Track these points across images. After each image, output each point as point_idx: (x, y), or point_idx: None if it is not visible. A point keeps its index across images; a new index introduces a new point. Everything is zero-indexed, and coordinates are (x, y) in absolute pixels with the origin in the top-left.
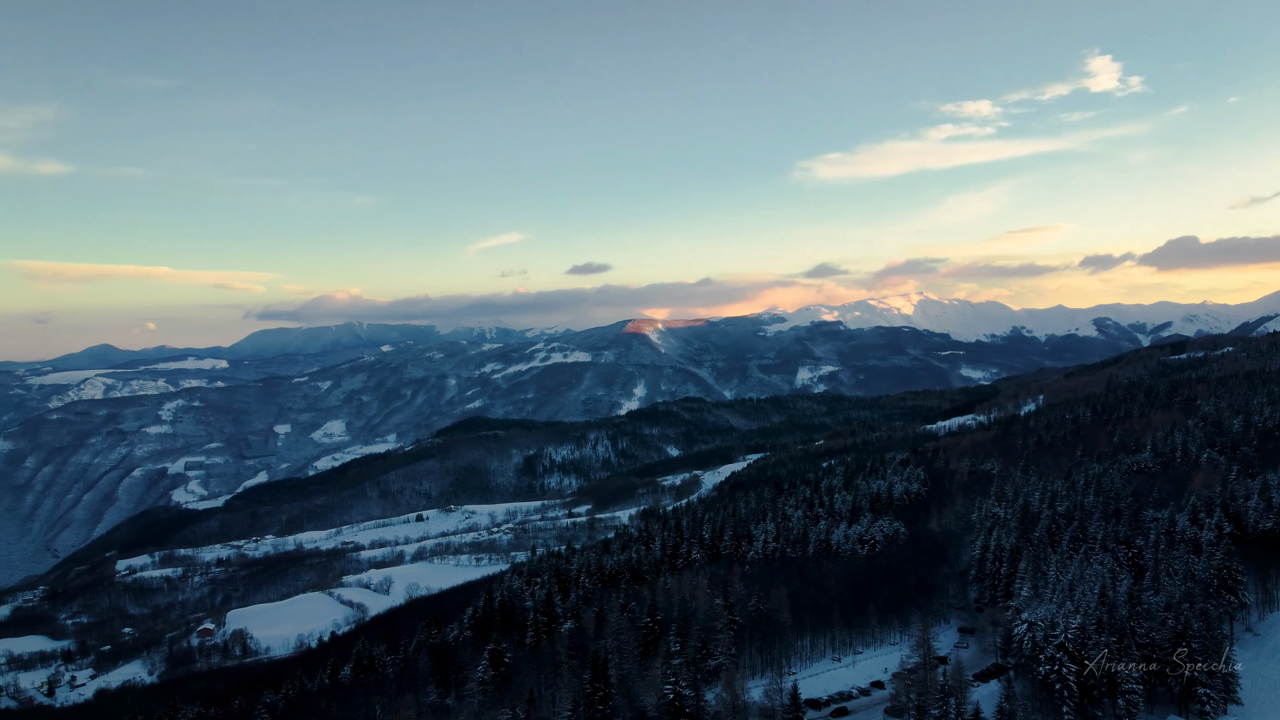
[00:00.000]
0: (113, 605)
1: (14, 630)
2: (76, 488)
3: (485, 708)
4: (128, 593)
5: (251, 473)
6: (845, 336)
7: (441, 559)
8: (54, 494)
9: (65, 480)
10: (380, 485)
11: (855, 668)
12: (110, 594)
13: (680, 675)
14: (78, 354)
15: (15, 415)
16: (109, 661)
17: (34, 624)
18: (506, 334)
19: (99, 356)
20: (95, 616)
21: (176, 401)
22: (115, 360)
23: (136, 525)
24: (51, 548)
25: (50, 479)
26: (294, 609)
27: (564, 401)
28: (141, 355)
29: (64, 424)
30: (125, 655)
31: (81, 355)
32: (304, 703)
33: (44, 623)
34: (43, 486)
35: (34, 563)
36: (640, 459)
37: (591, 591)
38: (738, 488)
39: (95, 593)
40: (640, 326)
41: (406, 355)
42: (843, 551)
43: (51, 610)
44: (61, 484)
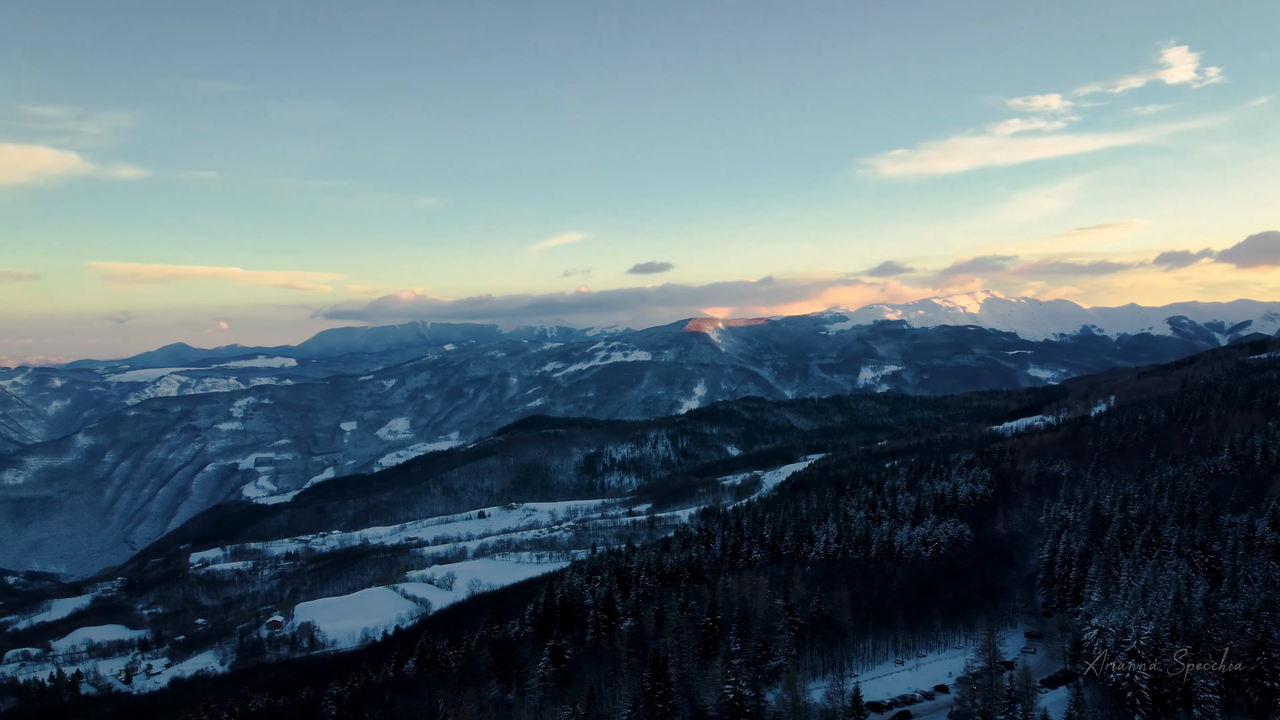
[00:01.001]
0: (186, 597)
1: (94, 619)
2: (152, 482)
3: (546, 704)
4: (201, 585)
5: (319, 469)
6: (909, 336)
7: (503, 556)
8: (131, 488)
9: (142, 475)
10: (443, 482)
11: (918, 671)
12: (184, 586)
13: (740, 675)
14: (154, 352)
15: (95, 412)
16: (183, 651)
17: (113, 613)
18: (567, 333)
19: (174, 355)
20: (170, 607)
21: (247, 399)
22: (189, 358)
23: (209, 519)
24: (129, 540)
25: (128, 474)
26: (359, 603)
27: (624, 400)
28: (214, 354)
29: (141, 420)
30: (198, 645)
31: (157, 354)
32: (369, 695)
33: (122, 612)
34: (121, 481)
35: (112, 554)
36: (700, 458)
37: (651, 590)
38: (799, 488)
39: (170, 584)
40: (700, 325)
41: (469, 354)
42: (906, 553)
43: (129, 600)
44: (138, 479)
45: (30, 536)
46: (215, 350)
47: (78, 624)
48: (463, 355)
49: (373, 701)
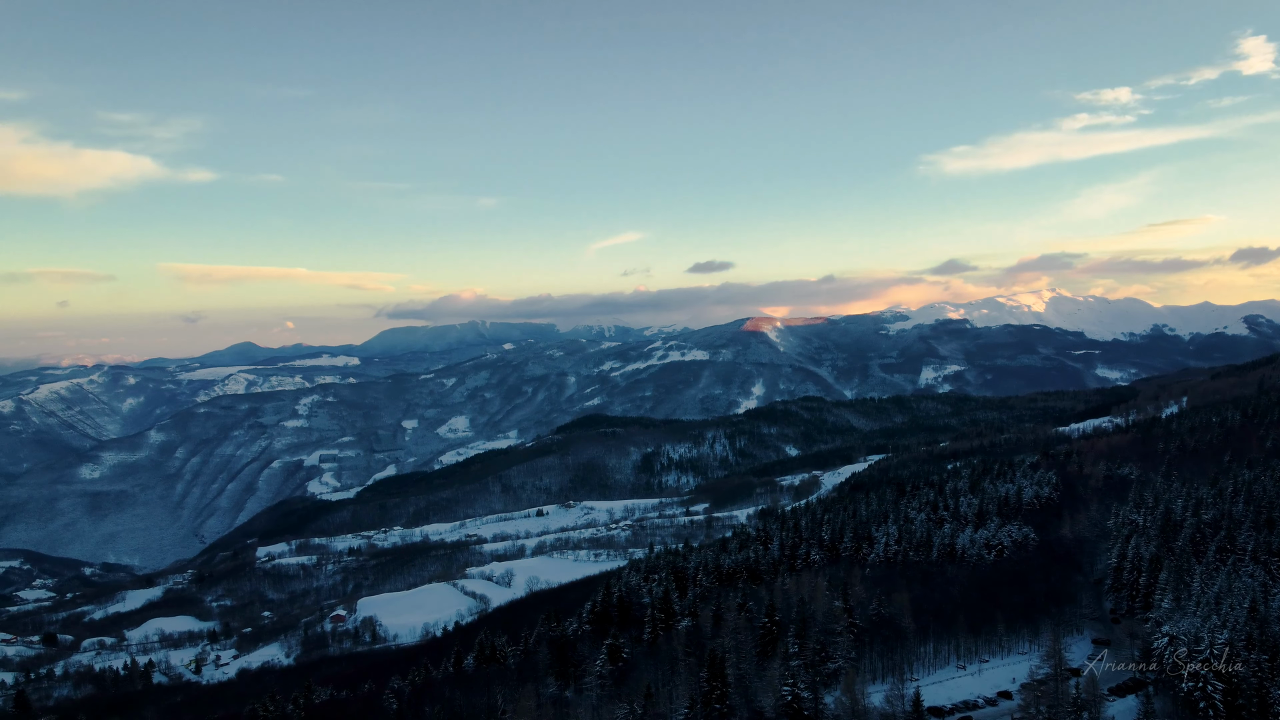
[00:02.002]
0: (253, 590)
1: (165, 610)
2: (221, 478)
3: (603, 701)
4: (267, 578)
5: (381, 466)
6: (972, 335)
7: (561, 553)
8: (201, 483)
9: (211, 470)
10: (502, 480)
11: (981, 677)
12: (251, 579)
13: (798, 677)
14: (223, 351)
15: (167, 409)
16: (250, 643)
17: (183, 605)
18: (625, 332)
19: (242, 353)
20: (238, 600)
21: (312, 397)
22: (256, 357)
23: (275, 514)
24: (199, 534)
25: (198, 469)
26: (420, 598)
27: (681, 400)
28: (280, 352)
29: (210, 417)
30: (264, 637)
31: (226, 352)
32: (429, 689)
33: (192, 604)
34: (191, 476)
35: (183, 547)
36: (758, 458)
37: (709, 590)
38: (858, 489)
39: (237, 577)
40: (758, 325)
41: (527, 353)
42: (968, 556)
43: (198, 593)
44: (208, 474)
45: (106, 529)
46: (281, 349)
47: (150, 615)
48: (521, 354)
49: (433, 696)
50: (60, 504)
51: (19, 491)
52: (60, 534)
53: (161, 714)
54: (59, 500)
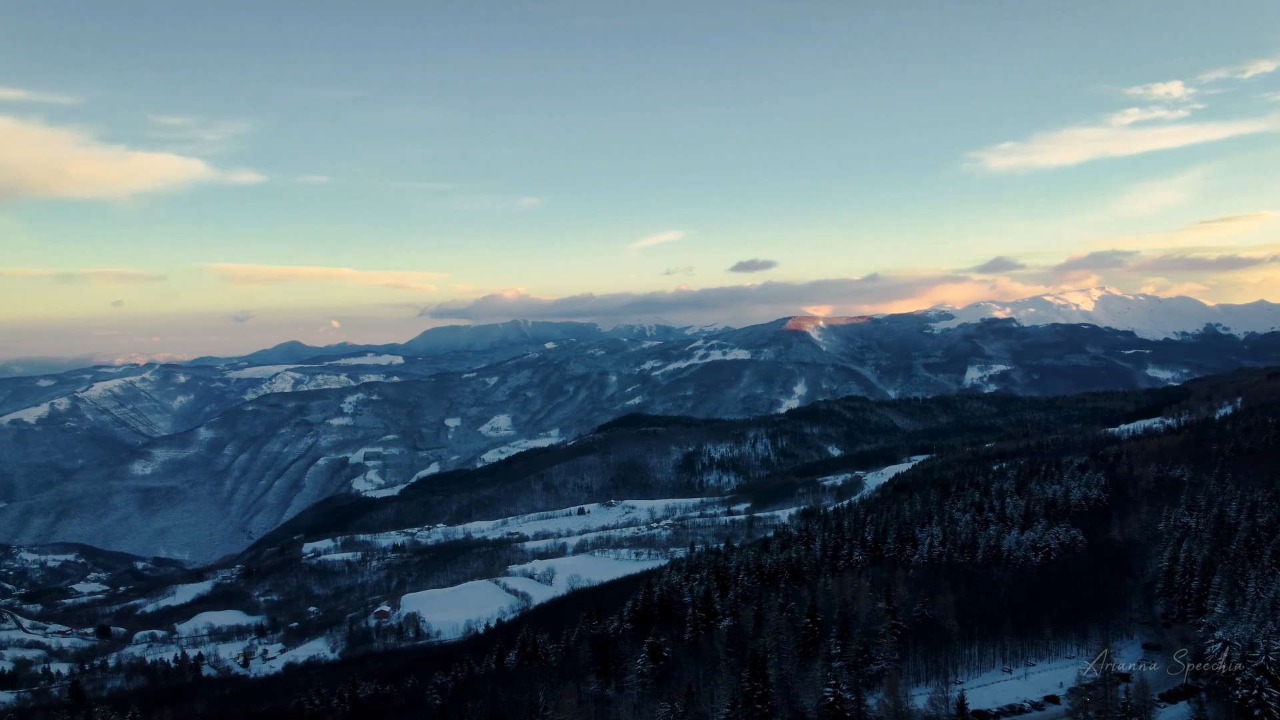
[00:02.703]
0: (299, 585)
1: (214, 604)
2: (268, 474)
3: (644, 700)
4: (313, 574)
5: (424, 464)
6: (1018, 334)
7: (602, 552)
8: (249, 480)
9: (259, 467)
10: (544, 478)
11: (1027, 680)
12: (297, 575)
13: (841, 678)
14: (270, 350)
15: (216, 407)
16: (296, 637)
17: (231, 599)
18: (666, 331)
19: (288, 352)
20: (284, 595)
21: (357, 395)
22: (303, 356)
23: (321, 511)
24: (247, 530)
25: (246, 466)
26: (463, 595)
27: (723, 399)
28: (326, 351)
29: (258, 415)
30: (310, 632)
31: (273, 351)
32: (471, 686)
33: (240, 599)
34: (239, 473)
35: (231, 543)
36: (800, 458)
37: (750, 589)
38: (901, 489)
39: (284, 573)
40: (801, 324)
41: (569, 352)
42: (1014, 558)
43: (246, 588)
44: (255, 471)
45: (157, 524)
46: (327, 348)
47: (199, 609)
48: (563, 353)
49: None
50: (114, 499)
51: (75, 487)
52: (114, 529)
53: (211, 706)
54: (112, 496)
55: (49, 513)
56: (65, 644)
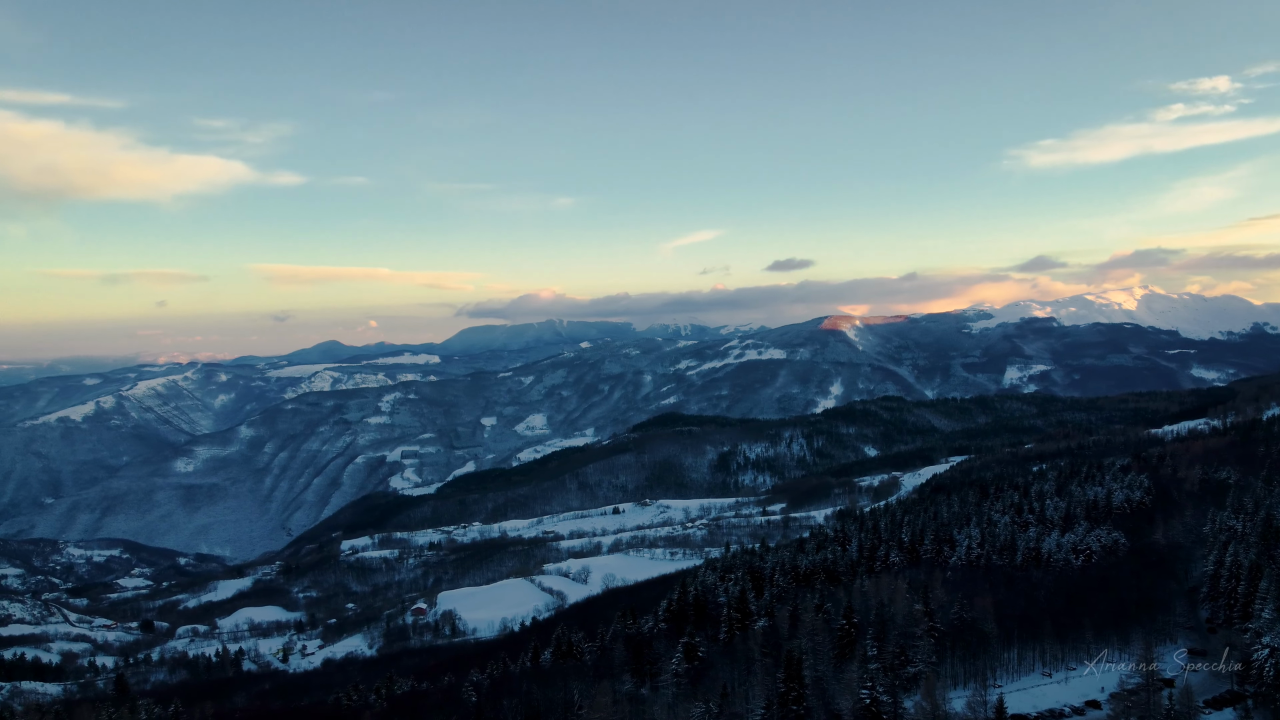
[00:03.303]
0: (337, 582)
1: (255, 600)
2: (307, 472)
3: (679, 699)
4: (350, 571)
5: (460, 462)
6: (1059, 334)
7: (636, 551)
8: (288, 477)
9: (298, 465)
10: (579, 477)
11: (1067, 685)
12: (335, 571)
13: (877, 680)
14: (309, 349)
15: (256, 405)
16: (334, 634)
17: (271, 595)
18: (701, 331)
19: (328, 352)
20: (323, 591)
21: (394, 394)
22: (341, 355)
23: (358, 509)
24: (286, 527)
25: (285, 464)
26: (498, 593)
27: (758, 399)
28: (364, 351)
29: (297, 413)
30: (348, 629)
31: (312, 350)
32: (507, 683)
33: (280, 595)
34: (279, 470)
35: (271, 540)
36: (836, 458)
37: (785, 590)
38: (939, 490)
39: (323, 569)
40: (837, 323)
41: (604, 352)
42: (1054, 561)
43: (286, 584)
44: (295, 468)
45: (199, 521)
46: (365, 347)
47: (240, 604)
48: (598, 353)
49: (511, 690)
50: (157, 496)
51: (119, 484)
52: (157, 525)
53: (251, 701)
54: (156, 492)
55: (95, 509)
56: (110, 638)
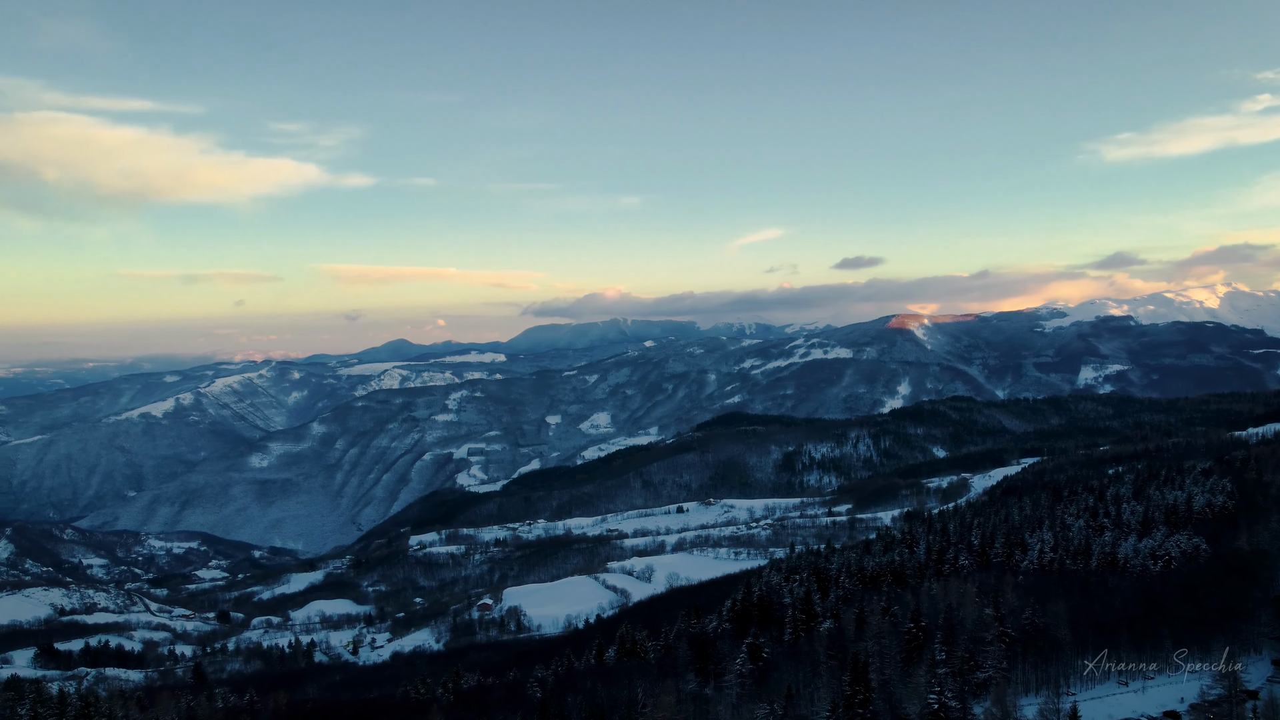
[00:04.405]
0: (406, 577)
1: (325, 593)
2: (377, 469)
3: (743, 700)
4: (418, 566)
5: (526, 460)
6: (1136, 333)
7: (700, 550)
8: (358, 473)
9: (367, 462)
10: (643, 476)
11: (1145, 694)
12: (404, 566)
13: (946, 685)
14: (378, 348)
15: (328, 402)
16: (402, 627)
17: (342, 589)
18: (766, 330)
19: (396, 350)
20: (391, 586)
21: (461, 392)
22: (409, 353)
23: (426, 505)
24: (356, 522)
25: (356, 460)
26: (563, 590)
27: (823, 398)
28: (431, 349)
29: (367, 411)
30: (416, 623)
31: (382, 349)
32: (571, 680)
33: (350, 588)
34: (350, 466)
35: (341, 534)
36: (903, 459)
37: (851, 592)
38: (1010, 492)
39: (391, 564)
40: (905, 322)
41: (668, 350)
42: (1131, 567)
43: (356, 578)
44: (364, 465)
45: (273, 515)
46: (433, 346)
47: (311, 597)
48: (662, 352)
49: (575, 687)
50: (233, 490)
51: (197, 478)
52: (233, 518)
53: (322, 692)
54: (232, 487)
55: (174, 502)
56: (189, 627)
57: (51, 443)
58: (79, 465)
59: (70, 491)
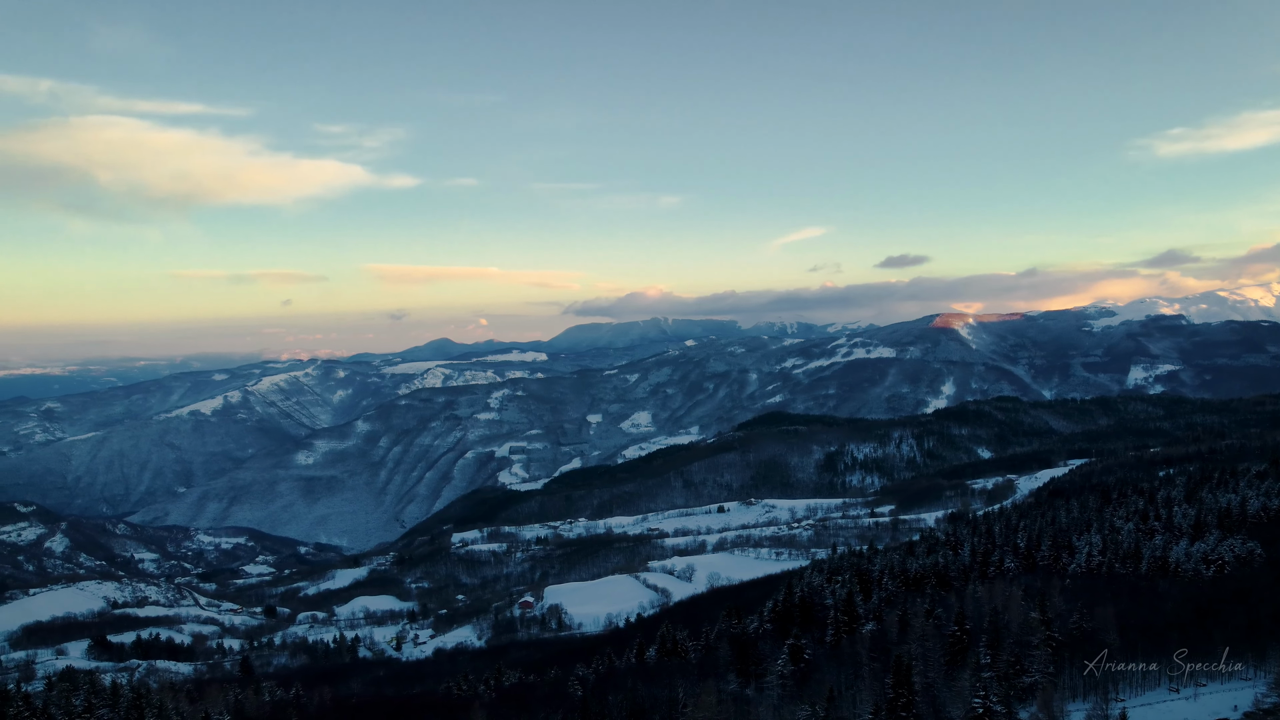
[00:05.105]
0: (448, 574)
1: (369, 589)
2: (420, 466)
3: (784, 701)
4: (460, 563)
5: (567, 459)
6: (1188, 332)
7: (741, 550)
8: (402, 471)
9: (411, 459)
10: (683, 475)
11: (1196, 701)
12: (446, 563)
13: (991, 689)
14: (421, 347)
15: (372, 401)
16: (444, 624)
17: (385, 585)
18: (808, 329)
19: (439, 349)
20: (434, 582)
21: (503, 391)
22: (452, 352)
23: (468, 503)
24: (400, 519)
25: (399, 458)
26: (603, 589)
27: (866, 398)
28: (474, 348)
29: (410, 409)
30: (458, 620)
31: (425, 348)
32: (612, 679)
33: (393, 584)
34: (393, 464)
35: (385, 531)
36: (947, 460)
37: (894, 594)
38: (1057, 494)
39: (434, 561)
40: (949, 321)
41: (709, 350)
42: (1182, 571)
43: (399, 574)
44: (408, 462)
45: (318, 512)
46: (475, 345)
47: (356, 593)
48: (703, 351)
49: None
50: (279, 487)
51: (245, 474)
52: (279, 515)
53: (366, 687)
54: (278, 483)
55: (223, 498)
56: (236, 621)
57: (105, 439)
58: (131, 461)
59: (123, 487)
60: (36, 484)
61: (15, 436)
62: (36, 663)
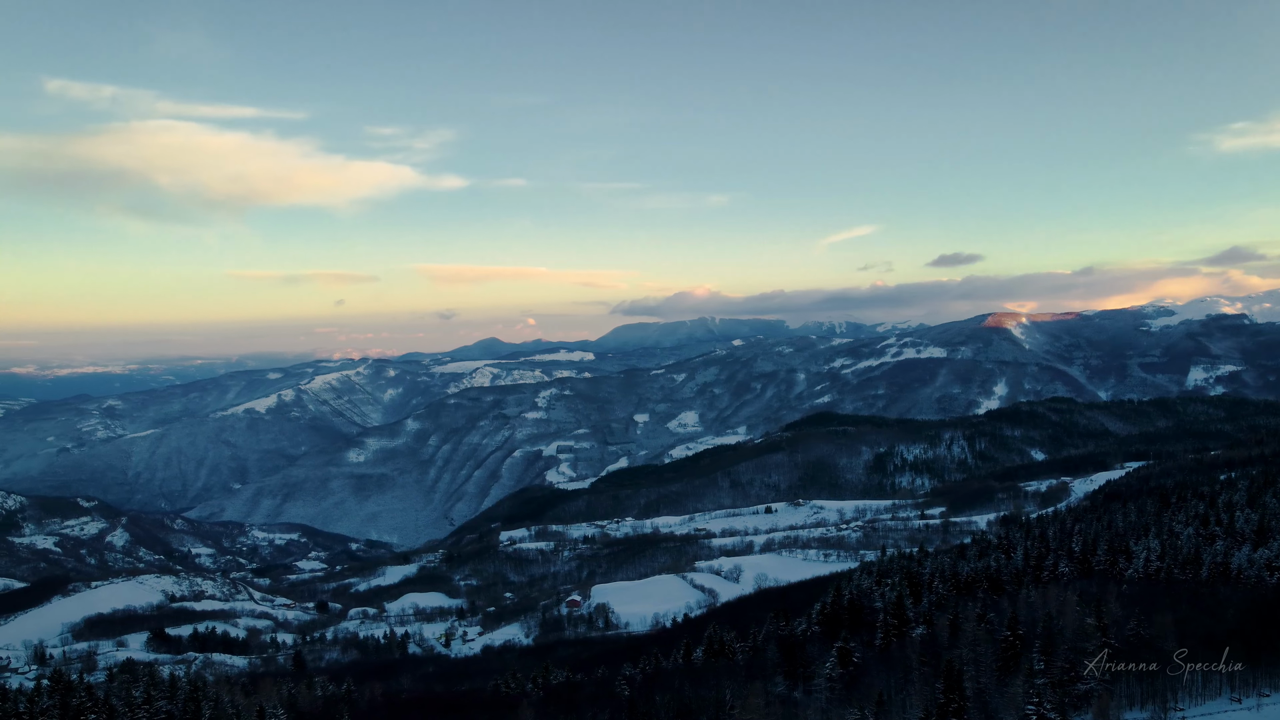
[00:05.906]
0: (496, 571)
1: (419, 586)
2: (468, 465)
3: (833, 704)
4: (508, 561)
5: (614, 458)
6: (1251, 331)
7: (789, 551)
8: (451, 469)
9: (460, 458)
10: (731, 475)
11: (1259, 712)
12: (494, 561)
13: (1044, 696)
14: (470, 346)
15: (422, 399)
16: (492, 621)
17: (434, 582)
18: (856, 328)
19: (487, 349)
20: (482, 580)
21: (550, 390)
22: (500, 352)
23: (516, 501)
24: (449, 516)
25: (448, 456)
26: (650, 588)
27: (916, 399)
28: (521, 348)
29: (459, 408)
30: (506, 617)
31: (474, 347)
32: (659, 679)
33: (442, 581)
34: (442, 462)
35: (434, 529)
36: (999, 461)
37: (945, 597)
38: (1113, 498)
39: (482, 559)
40: (1001, 320)
41: (756, 349)
42: (1245, 577)
43: (448, 571)
44: (456, 461)
45: (369, 509)
46: (523, 344)
47: (406, 590)
48: (750, 351)
49: (663, 685)
50: (331, 484)
51: (298, 471)
52: (331, 511)
53: (415, 683)
54: (330, 481)
55: (276, 495)
56: (289, 616)
57: (163, 436)
58: (188, 458)
59: (180, 483)
60: (98, 479)
61: (78, 433)
62: (98, 654)
